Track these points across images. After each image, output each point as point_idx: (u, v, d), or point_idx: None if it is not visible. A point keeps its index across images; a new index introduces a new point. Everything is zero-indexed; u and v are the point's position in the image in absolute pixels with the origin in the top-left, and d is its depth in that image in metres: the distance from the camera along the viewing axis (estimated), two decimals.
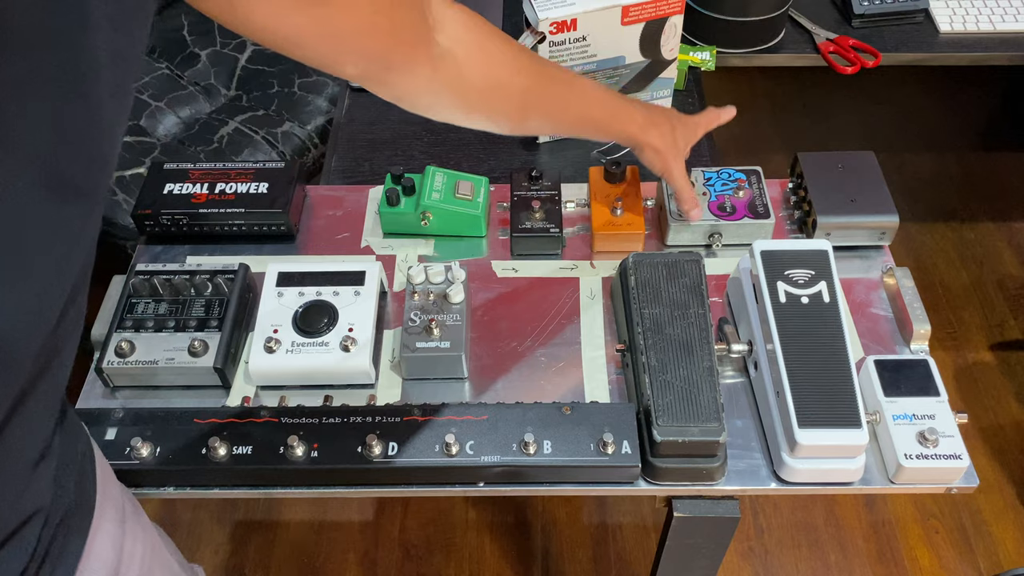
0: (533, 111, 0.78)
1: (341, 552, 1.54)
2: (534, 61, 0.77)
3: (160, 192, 0.95)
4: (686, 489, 0.77)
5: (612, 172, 0.97)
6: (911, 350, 0.86)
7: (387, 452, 0.74)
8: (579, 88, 0.81)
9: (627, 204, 0.96)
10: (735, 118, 0.97)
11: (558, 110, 0.80)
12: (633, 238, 0.95)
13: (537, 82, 0.76)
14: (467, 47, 0.68)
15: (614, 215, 0.94)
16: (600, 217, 0.95)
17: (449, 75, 0.68)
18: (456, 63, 0.68)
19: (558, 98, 0.79)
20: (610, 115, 0.84)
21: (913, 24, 1.41)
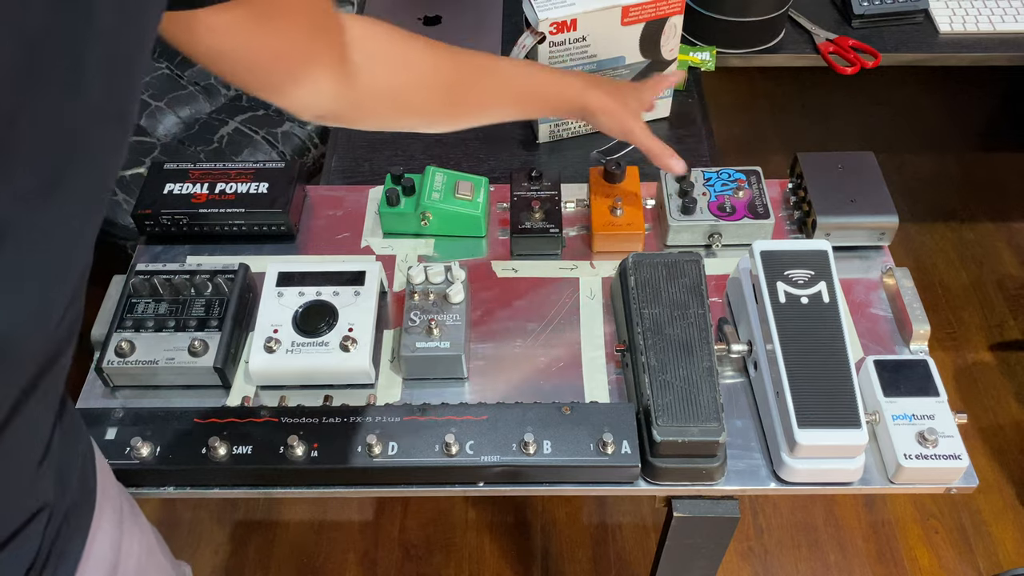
0: (463, 103, 0.78)
1: (341, 552, 1.54)
2: (451, 55, 0.77)
3: (160, 192, 0.95)
4: (686, 489, 0.77)
5: (612, 172, 0.97)
6: (911, 350, 0.86)
7: (387, 452, 0.74)
8: (505, 70, 0.81)
9: (627, 204, 0.95)
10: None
11: (490, 96, 0.80)
12: (633, 238, 0.94)
13: (458, 75, 0.76)
14: (378, 57, 0.70)
15: (614, 215, 0.94)
16: (600, 217, 0.94)
17: (366, 88, 0.69)
18: (371, 75, 0.69)
19: (485, 85, 0.79)
20: (547, 88, 0.83)
21: (913, 24, 1.41)
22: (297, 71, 0.63)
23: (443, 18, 1.33)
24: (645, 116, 1.18)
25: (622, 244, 0.95)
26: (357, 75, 0.68)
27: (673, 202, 0.94)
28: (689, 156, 1.15)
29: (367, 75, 0.69)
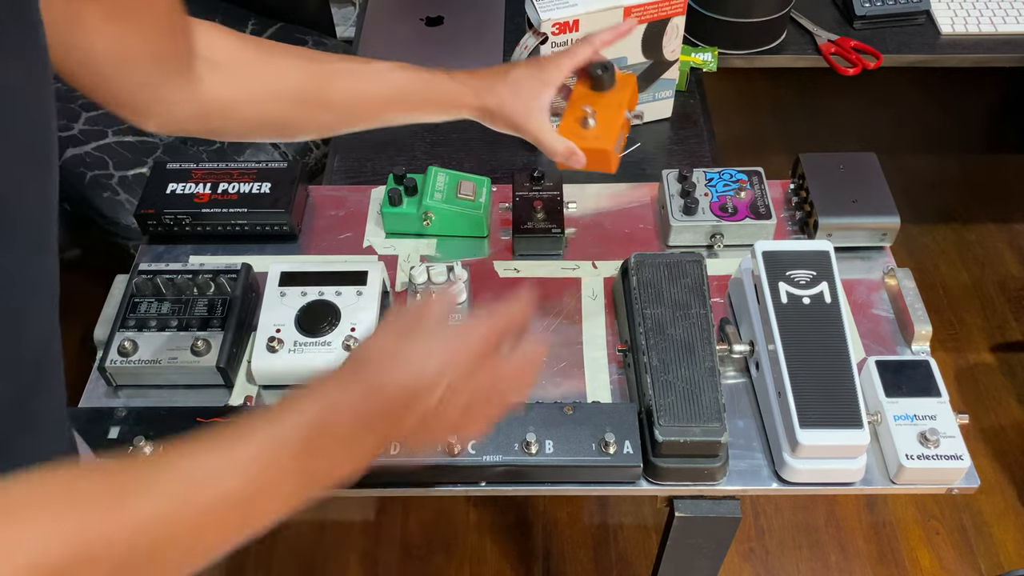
0: (327, 110, 0.75)
1: (342, 552, 1.54)
2: (312, 61, 0.75)
3: (163, 192, 0.95)
4: (687, 489, 0.77)
5: (599, 77, 0.78)
6: (912, 351, 0.86)
7: (389, 451, 0.74)
8: (376, 75, 0.76)
9: (603, 117, 0.78)
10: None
11: (357, 102, 0.76)
12: (597, 157, 0.77)
13: (319, 82, 0.73)
14: (223, 67, 0.68)
15: (583, 126, 0.77)
16: (566, 127, 0.78)
17: (211, 98, 0.67)
18: (214, 84, 0.67)
19: (351, 90, 0.75)
20: (431, 93, 0.77)
21: (915, 26, 1.41)
22: (144, 76, 0.61)
23: (445, 19, 1.33)
24: (647, 117, 1.19)
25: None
26: (200, 84, 0.66)
27: (675, 202, 0.94)
28: (691, 156, 1.16)
29: (210, 85, 0.67)
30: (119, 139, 1.49)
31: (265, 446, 0.46)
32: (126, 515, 0.41)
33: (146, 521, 0.41)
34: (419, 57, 0.68)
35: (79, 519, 0.39)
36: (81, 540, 0.39)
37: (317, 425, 0.47)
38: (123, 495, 0.41)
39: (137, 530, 0.41)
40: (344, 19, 2.00)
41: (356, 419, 0.49)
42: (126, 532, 0.40)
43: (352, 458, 0.50)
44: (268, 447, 0.46)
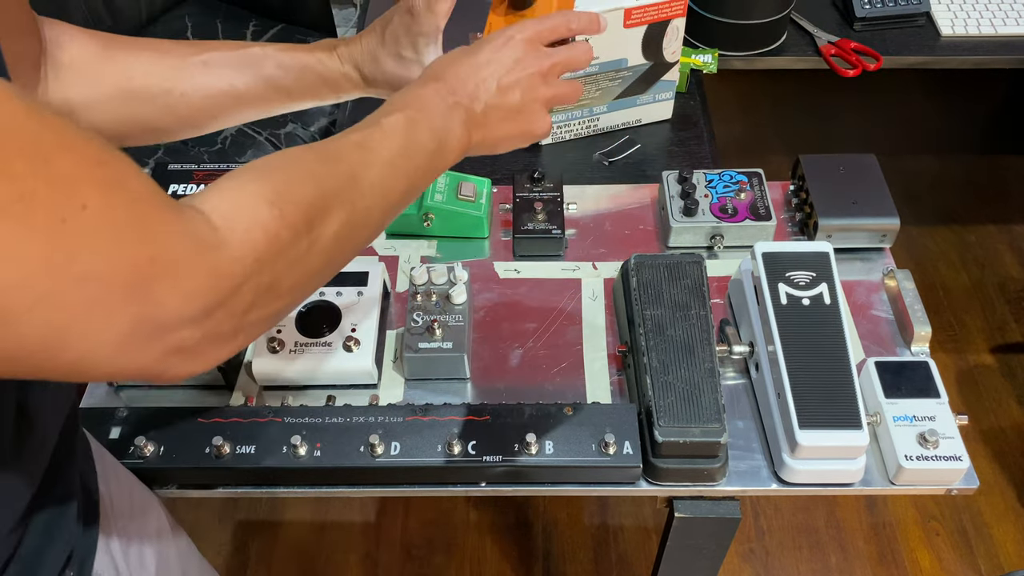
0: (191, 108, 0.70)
1: (343, 552, 1.54)
2: (166, 55, 0.70)
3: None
4: (687, 490, 0.78)
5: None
6: (912, 352, 0.87)
7: (389, 452, 0.74)
8: (248, 64, 0.71)
9: None
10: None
11: (226, 97, 0.72)
12: None
13: (174, 77, 0.69)
14: (72, 68, 0.65)
15: None
16: None
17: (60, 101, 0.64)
18: (62, 86, 0.64)
19: (217, 84, 0.71)
20: (305, 78, 0.73)
21: (915, 27, 1.41)
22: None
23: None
24: (647, 119, 1.19)
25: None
26: (47, 87, 0.63)
27: (675, 204, 0.94)
28: (691, 158, 1.16)
29: (55, 88, 0.64)
30: None
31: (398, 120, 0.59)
32: (341, 166, 0.54)
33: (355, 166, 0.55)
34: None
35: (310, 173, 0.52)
36: (318, 185, 0.51)
37: (422, 107, 0.60)
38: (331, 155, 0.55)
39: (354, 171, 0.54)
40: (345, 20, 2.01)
41: (446, 104, 0.62)
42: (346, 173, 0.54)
43: (458, 125, 0.62)
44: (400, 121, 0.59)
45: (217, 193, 0.47)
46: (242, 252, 0.45)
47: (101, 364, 0.41)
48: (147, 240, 0.40)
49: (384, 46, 0.71)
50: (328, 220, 0.52)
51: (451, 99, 0.62)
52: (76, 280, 0.37)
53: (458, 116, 0.62)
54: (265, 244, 0.46)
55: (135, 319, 0.40)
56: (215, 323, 0.44)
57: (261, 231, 0.46)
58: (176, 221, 0.42)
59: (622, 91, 1.14)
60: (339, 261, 0.56)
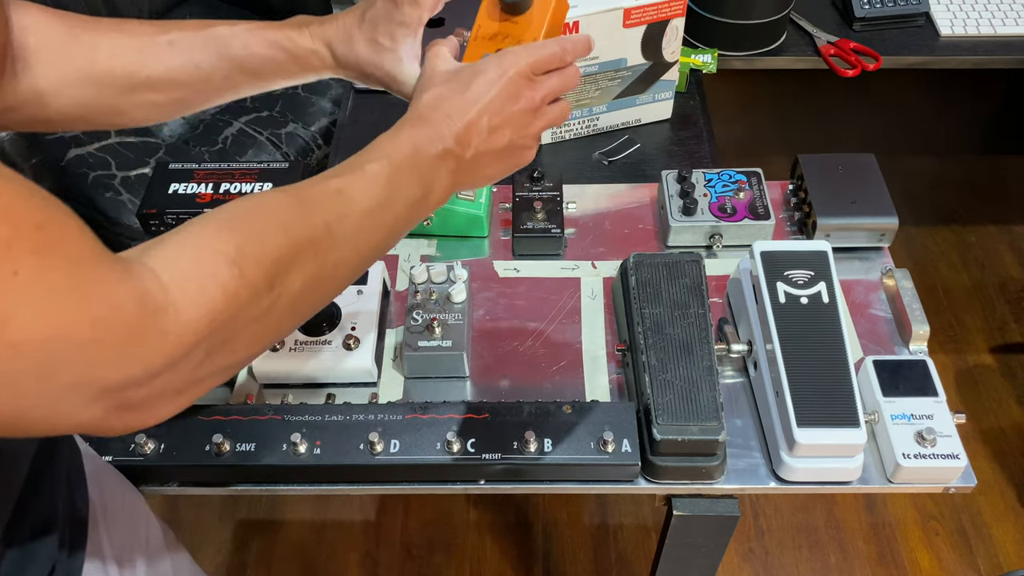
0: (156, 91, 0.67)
1: (342, 551, 1.54)
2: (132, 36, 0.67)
3: (165, 192, 0.96)
4: (686, 488, 0.78)
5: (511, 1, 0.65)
6: (910, 351, 0.87)
7: (389, 450, 0.74)
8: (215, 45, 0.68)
9: None
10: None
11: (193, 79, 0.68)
12: None
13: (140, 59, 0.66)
14: (38, 50, 0.62)
15: None
16: None
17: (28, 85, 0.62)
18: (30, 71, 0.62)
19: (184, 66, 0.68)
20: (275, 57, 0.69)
21: (914, 27, 1.41)
22: None
23: (446, 20, 1.34)
24: (647, 118, 1.19)
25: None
26: (13, 72, 0.61)
27: (674, 203, 0.95)
28: (690, 157, 1.16)
29: (22, 72, 0.61)
30: (121, 139, 1.49)
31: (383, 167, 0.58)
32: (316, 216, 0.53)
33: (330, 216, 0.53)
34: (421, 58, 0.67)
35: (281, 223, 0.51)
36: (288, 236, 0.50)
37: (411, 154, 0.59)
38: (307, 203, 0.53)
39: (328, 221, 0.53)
40: None
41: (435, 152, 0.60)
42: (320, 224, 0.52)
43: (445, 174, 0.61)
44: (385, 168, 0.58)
45: (175, 246, 0.45)
46: (193, 314, 0.43)
47: (39, 423, 0.40)
48: (86, 304, 0.39)
49: (361, 29, 0.67)
50: (293, 276, 0.50)
51: (440, 146, 0.59)
52: (8, 347, 0.36)
53: (447, 166, 0.60)
54: (221, 305, 0.45)
55: (74, 382, 0.39)
56: (163, 382, 0.43)
57: (218, 291, 0.45)
58: (120, 282, 0.41)
59: (621, 91, 1.15)
60: (303, 315, 0.54)
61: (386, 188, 0.57)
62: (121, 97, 0.67)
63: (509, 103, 0.61)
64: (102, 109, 0.67)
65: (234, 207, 0.51)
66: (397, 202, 0.58)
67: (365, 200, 0.56)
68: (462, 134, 0.59)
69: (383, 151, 0.58)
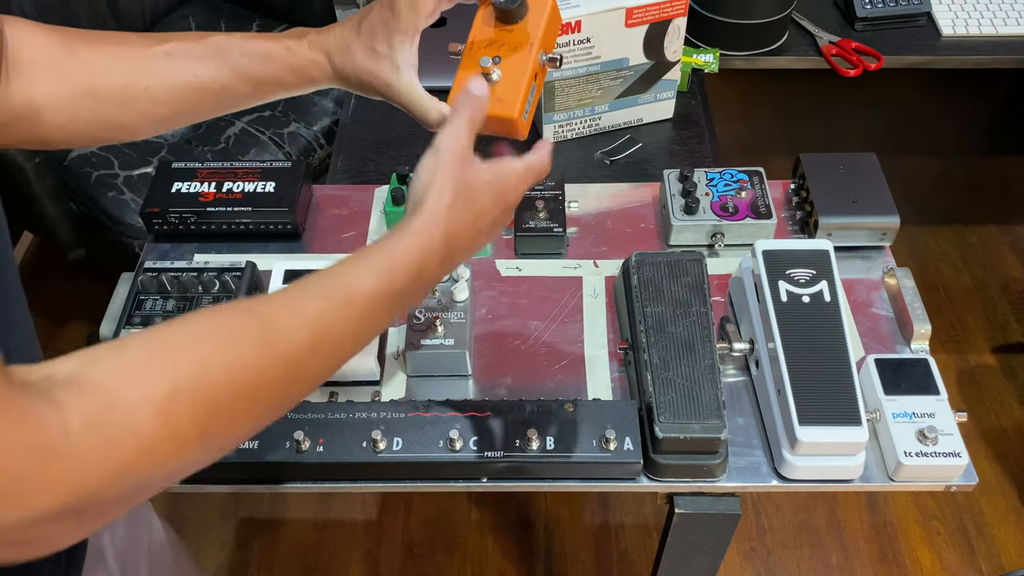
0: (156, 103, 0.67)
1: (344, 550, 1.54)
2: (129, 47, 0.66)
3: (168, 191, 0.96)
4: (687, 485, 0.78)
5: (502, 4, 0.63)
6: (911, 349, 0.87)
7: (392, 447, 0.75)
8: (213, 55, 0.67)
9: (509, 66, 0.63)
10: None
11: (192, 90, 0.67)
12: (499, 124, 0.64)
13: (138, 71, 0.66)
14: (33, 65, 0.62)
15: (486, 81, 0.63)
16: (462, 84, 0.63)
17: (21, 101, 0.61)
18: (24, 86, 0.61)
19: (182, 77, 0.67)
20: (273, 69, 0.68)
21: (916, 27, 1.41)
22: None
23: (448, 21, 1.34)
24: (650, 117, 1.19)
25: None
26: (8, 88, 0.60)
27: (676, 202, 0.95)
28: (692, 157, 1.17)
29: (16, 88, 0.61)
30: None
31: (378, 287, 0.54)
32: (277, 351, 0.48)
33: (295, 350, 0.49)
34: (423, 58, 0.67)
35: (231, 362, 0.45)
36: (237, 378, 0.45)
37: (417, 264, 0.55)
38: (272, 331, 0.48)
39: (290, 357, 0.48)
40: None
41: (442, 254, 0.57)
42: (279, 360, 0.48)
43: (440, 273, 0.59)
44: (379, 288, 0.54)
45: (99, 379, 0.41)
46: (98, 465, 0.39)
47: None
48: None
49: (359, 38, 0.66)
50: (233, 423, 0.46)
51: (447, 266, 0.59)
52: None
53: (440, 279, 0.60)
54: (133, 457, 0.40)
55: None
56: (60, 523, 0.40)
57: (131, 443, 0.40)
58: (17, 426, 0.37)
59: (623, 90, 1.15)
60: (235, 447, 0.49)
61: (371, 316, 0.53)
62: (120, 110, 0.66)
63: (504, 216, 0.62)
64: (101, 124, 0.66)
65: (186, 328, 0.46)
66: (376, 326, 0.55)
67: (341, 331, 0.52)
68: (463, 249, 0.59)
69: (385, 262, 0.54)
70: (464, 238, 0.59)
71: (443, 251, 0.57)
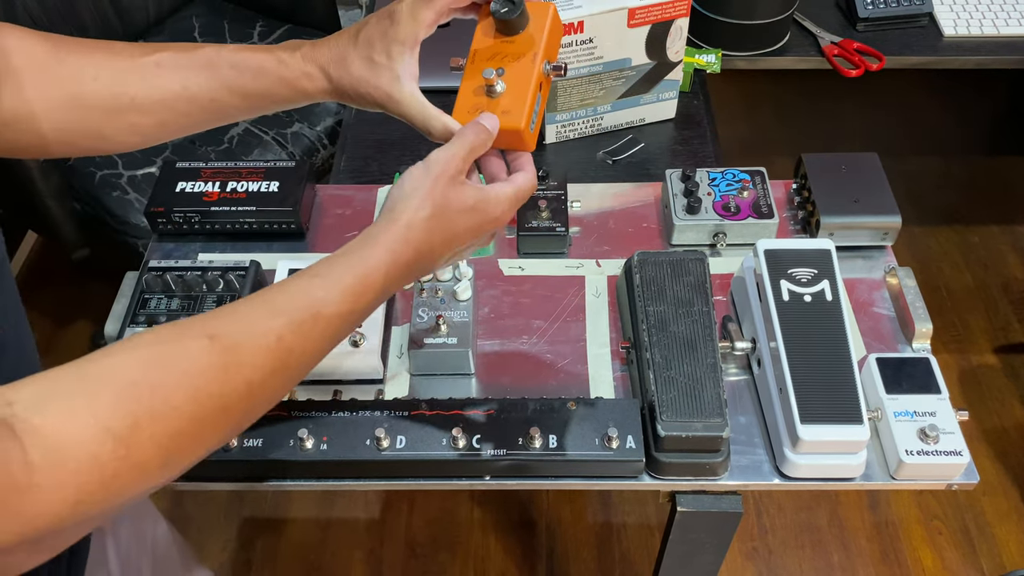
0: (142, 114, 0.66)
1: (347, 549, 1.55)
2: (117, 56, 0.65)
3: (172, 190, 0.96)
4: (689, 484, 0.78)
5: (502, 15, 0.62)
6: (913, 348, 0.87)
7: (395, 445, 0.75)
8: (202, 67, 0.66)
9: (513, 76, 0.62)
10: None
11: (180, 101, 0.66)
12: (506, 137, 0.63)
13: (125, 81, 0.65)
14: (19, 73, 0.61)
15: (488, 95, 0.62)
16: (464, 102, 0.63)
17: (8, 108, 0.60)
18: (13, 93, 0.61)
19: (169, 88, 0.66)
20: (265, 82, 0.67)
21: (917, 28, 1.42)
22: None
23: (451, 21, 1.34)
24: (652, 117, 1.20)
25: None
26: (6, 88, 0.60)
27: (678, 202, 0.95)
28: (695, 157, 1.17)
29: (11, 94, 0.60)
30: None
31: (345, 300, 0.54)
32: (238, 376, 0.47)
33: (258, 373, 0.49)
34: (426, 58, 0.68)
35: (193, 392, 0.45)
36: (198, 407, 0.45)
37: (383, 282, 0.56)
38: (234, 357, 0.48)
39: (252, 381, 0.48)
40: (352, 21, 2.02)
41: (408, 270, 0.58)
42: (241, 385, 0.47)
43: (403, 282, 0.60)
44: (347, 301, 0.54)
45: (61, 413, 0.40)
46: (61, 497, 0.39)
47: None
48: None
49: (356, 48, 0.64)
50: (194, 451, 0.46)
51: (411, 280, 0.60)
52: None
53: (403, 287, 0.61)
54: (95, 487, 0.40)
55: None
56: (17, 553, 0.39)
57: (93, 473, 0.40)
58: None
59: (626, 90, 1.15)
60: None
61: (334, 336, 0.53)
62: (106, 119, 0.65)
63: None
64: (86, 133, 0.65)
65: (147, 356, 0.45)
66: (334, 342, 0.54)
67: (305, 350, 0.51)
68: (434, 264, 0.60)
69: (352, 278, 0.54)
70: (434, 256, 0.59)
71: (411, 267, 0.57)
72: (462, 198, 0.59)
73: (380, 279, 0.55)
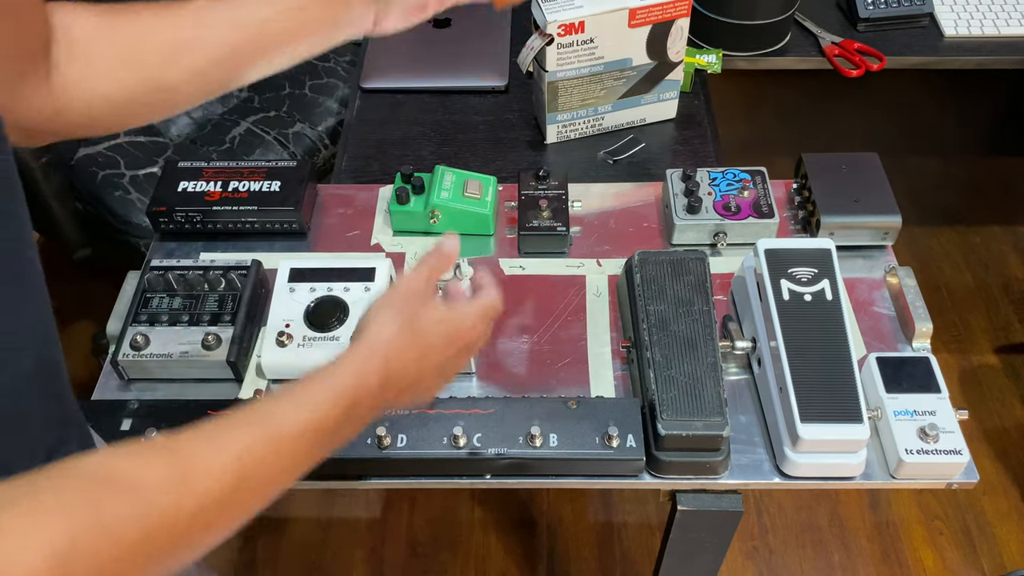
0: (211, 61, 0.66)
1: (348, 549, 1.55)
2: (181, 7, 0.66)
3: (174, 189, 0.97)
4: (690, 483, 0.78)
5: None
6: (913, 348, 0.87)
7: (396, 444, 0.75)
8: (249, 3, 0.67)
9: None
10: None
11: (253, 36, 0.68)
12: None
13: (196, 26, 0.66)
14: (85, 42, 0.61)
15: None
16: None
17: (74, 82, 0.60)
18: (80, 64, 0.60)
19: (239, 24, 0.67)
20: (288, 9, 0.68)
21: (918, 28, 1.42)
22: None
23: (452, 21, 1.35)
24: (653, 117, 1.20)
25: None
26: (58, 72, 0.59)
27: (679, 201, 0.95)
28: (695, 157, 1.17)
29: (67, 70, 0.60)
30: (130, 139, 1.50)
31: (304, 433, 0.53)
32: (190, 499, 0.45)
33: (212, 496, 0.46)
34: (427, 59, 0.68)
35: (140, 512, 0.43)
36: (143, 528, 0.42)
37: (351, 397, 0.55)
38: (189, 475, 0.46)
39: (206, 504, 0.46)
40: None
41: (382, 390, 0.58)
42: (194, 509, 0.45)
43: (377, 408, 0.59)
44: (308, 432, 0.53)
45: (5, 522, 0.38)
46: None
47: None
48: None
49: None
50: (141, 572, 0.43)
51: (385, 402, 0.58)
52: None
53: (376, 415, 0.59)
54: None
55: None
56: None
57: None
58: None
59: (627, 90, 1.15)
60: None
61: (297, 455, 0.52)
62: (166, 68, 0.65)
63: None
64: (150, 86, 0.65)
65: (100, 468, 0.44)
66: (304, 467, 0.53)
67: (265, 472, 0.50)
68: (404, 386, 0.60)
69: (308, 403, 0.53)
70: (407, 373, 0.59)
71: (380, 384, 0.56)
72: (430, 311, 0.62)
73: (348, 394, 0.54)
